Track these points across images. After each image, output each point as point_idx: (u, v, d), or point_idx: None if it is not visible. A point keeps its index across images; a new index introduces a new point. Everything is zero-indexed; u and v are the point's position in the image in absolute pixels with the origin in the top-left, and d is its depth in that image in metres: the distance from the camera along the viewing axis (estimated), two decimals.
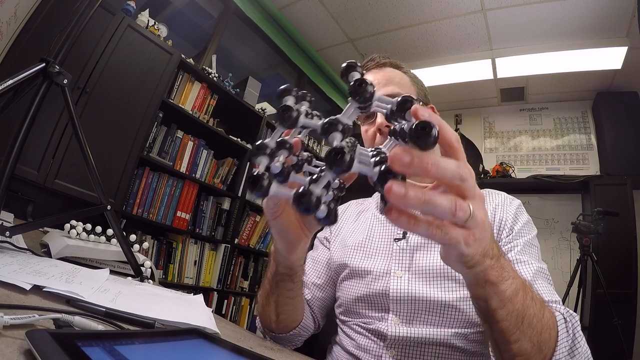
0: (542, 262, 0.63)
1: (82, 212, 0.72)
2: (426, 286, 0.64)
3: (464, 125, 3.72)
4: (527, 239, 0.65)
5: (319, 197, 0.27)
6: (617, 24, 2.47)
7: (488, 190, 0.76)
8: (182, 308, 0.61)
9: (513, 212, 0.68)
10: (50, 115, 1.46)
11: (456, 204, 0.29)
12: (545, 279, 0.60)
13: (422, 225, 0.29)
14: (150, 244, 2.04)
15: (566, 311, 0.51)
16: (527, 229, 0.67)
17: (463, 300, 0.61)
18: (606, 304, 2.16)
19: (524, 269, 0.59)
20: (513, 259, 0.60)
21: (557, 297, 0.57)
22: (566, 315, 0.50)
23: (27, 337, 0.26)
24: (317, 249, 0.87)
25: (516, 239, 0.64)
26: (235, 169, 2.46)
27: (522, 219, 0.68)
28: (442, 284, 0.63)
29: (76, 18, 0.76)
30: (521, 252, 0.62)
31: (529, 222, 0.69)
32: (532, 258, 0.62)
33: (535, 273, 0.59)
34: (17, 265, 0.50)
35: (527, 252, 0.63)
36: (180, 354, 0.38)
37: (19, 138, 0.64)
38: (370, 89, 0.28)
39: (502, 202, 0.71)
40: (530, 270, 0.58)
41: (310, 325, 0.74)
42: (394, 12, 2.72)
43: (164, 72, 1.95)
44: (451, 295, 0.62)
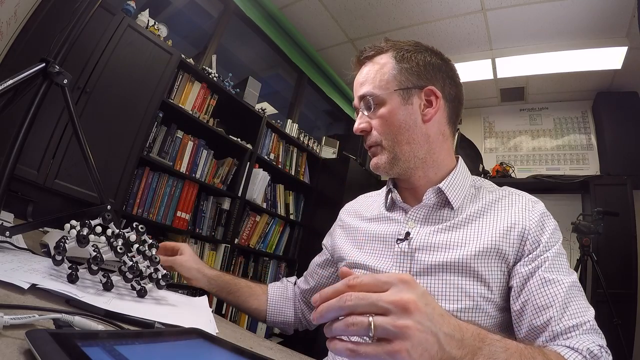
0: (571, 271, 0.60)
1: (82, 212, 0.72)
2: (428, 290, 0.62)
3: (464, 125, 3.71)
4: (555, 249, 0.60)
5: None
6: (617, 24, 2.47)
7: (509, 189, 0.71)
8: (182, 311, 0.61)
9: (537, 219, 0.63)
10: (50, 115, 1.46)
11: (350, 320, 0.33)
12: (578, 293, 0.57)
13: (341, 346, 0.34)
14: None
15: (589, 352, 0.49)
16: (555, 238, 0.62)
17: (463, 312, 0.59)
18: (606, 304, 2.16)
19: (555, 291, 0.56)
20: (541, 278, 0.57)
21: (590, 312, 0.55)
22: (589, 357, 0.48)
23: (27, 337, 0.26)
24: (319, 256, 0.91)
25: (544, 253, 0.60)
26: (235, 169, 2.46)
27: (549, 228, 0.63)
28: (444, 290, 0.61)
29: (76, 18, 0.76)
30: (550, 268, 0.58)
31: (556, 230, 0.64)
32: (562, 272, 0.58)
33: (568, 292, 0.56)
34: (16, 264, 0.50)
35: (557, 265, 0.59)
36: (180, 354, 0.38)
37: (19, 138, 0.64)
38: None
39: (524, 206, 0.65)
40: (562, 291, 0.56)
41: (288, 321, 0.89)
42: (394, 12, 2.72)
43: (164, 72, 1.95)
44: (451, 306, 0.60)
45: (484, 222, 0.65)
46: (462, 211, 0.68)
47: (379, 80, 0.69)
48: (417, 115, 0.69)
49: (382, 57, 0.72)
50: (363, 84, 0.72)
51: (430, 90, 0.69)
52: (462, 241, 0.63)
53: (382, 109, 0.69)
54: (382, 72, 0.70)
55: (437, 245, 0.64)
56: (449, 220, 0.67)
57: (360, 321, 0.32)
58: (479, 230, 0.64)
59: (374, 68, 0.72)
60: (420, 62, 0.70)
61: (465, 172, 0.73)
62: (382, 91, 0.68)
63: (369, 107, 0.70)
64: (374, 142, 0.70)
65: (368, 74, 0.72)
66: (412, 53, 0.71)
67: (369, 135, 0.71)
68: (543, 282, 0.57)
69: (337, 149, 3.34)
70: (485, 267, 0.60)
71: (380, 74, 0.70)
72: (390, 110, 0.68)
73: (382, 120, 0.69)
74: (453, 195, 0.68)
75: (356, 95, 0.73)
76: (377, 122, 0.69)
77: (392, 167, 0.69)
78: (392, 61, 0.70)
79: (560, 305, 0.54)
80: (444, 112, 0.71)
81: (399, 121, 0.68)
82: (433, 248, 0.65)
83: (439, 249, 0.64)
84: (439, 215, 0.68)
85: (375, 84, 0.69)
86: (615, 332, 2.09)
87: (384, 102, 0.69)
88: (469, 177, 0.73)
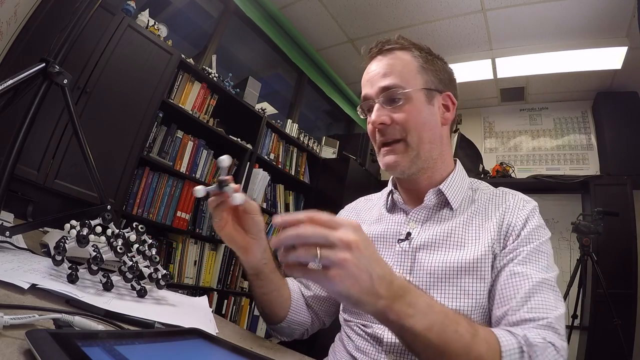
0: (551, 270, 0.59)
1: (82, 212, 0.72)
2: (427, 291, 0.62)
3: (464, 125, 3.71)
4: (534, 245, 0.60)
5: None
6: (617, 24, 2.47)
7: (503, 189, 0.72)
8: (182, 311, 0.61)
9: (524, 216, 0.64)
10: (50, 115, 1.46)
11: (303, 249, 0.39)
12: (547, 291, 0.55)
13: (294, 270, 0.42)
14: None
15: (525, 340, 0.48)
16: (537, 234, 0.62)
17: (464, 310, 0.59)
18: (606, 304, 2.16)
19: (520, 284, 0.56)
20: (509, 271, 0.57)
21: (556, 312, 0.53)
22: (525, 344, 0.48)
23: (27, 337, 0.26)
24: None
25: (521, 246, 0.60)
26: (235, 169, 2.46)
27: (531, 223, 0.63)
28: (444, 289, 0.61)
29: (76, 18, 0.76)
30: (522, 262, 0.58)
31: (539, 227, 0.63)
32: (535, 268, 0.58)
33: (534, 286, 0.55)
34: (16, 264, 0.50)
35: (532, 260, 0.58)
36: (180, 354, 0.38)
37: (19, 138, 0.64)
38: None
39: (514, 204, 0.66)
40: (527, 284, 0.55)
41: (305, 322, 0.77)
42: (394, 12, 2.72)
43: (164, 72, 1.95)
44: (452, 304, 0.60)
45: (481, 223, 0.66)
46: (461, 212, 0.68)
47: (407, 75, 0.68)
48: (438, 116, 0.70)
49: (405, 53, 0.71)
50: (387, 75, 0.68)
51: (448, 96, 0.72)
52: (462, 241, 0.64)
53: (408, 104, 0.67)
54: (409, 68, 0.69)
55: (438, 245, 0.65)
56: (449, 220, 0.67)
57: (311, 251, 0.39)
58: (477, 231, 0.65)
59: (398, 62, 0.70)
60: (440, 67, 0.72)
61: (464, 174, 0.74)
62: (410, 86, 0.67)
63: (393, 99, 0.67)
64: (394, 138, 0.68)
65: (393, 66, 0.69)
66: (433, 57, 0.72)
67: (388, 129, 0.68)
68: (511, 275, 0.57)
69: (337, 149, 3.34)
70: (485, 266, 0.61)
71: (407, 70, 0.69)
72: (418, 107, 0.67)
73: (409, 116, 0.67)
74: (452, 196, 0.69)
75: (376, 85, 0.69)
76: (403, 117, 0.67)
77: (411, 165, 0.68)
78: (418, 60, 0.70)
79: (522, 298, 0.54)
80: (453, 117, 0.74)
81: (424, 119, 0.68)
82: (434, 248, 0.65)
83: (439, 249, 0.64)
84: (439, 216, 0.69)
85: (403, 77, 0.68)
86: (615, 332, 2.09)
87: (410, 97, 0.67)
88: (467, 178, 0.75)
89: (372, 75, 0.71)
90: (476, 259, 0.61)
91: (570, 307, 2.32)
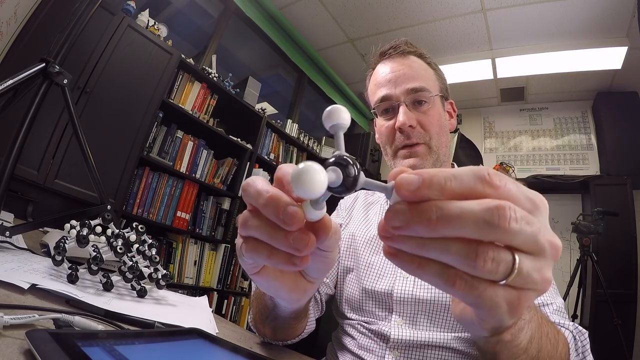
0: None
1: (82, 212, 0.72)
2: (432, 289, 0.62)
3: (464, 125, 3.71)
4: None
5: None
6: (617, 24, 2.47)
7: None
8: (182, 311, 0.61)
9: None
10: (50, 115, 1.46)
11: (479, 249, 0.19)
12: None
13: (432, 268, 0.21)
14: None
15: (575, 328, 0.51)
16: None
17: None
18: (606, 304, 2.16)
19: None
20: None
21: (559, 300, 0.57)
22: (575, 333, 0.50)
23: (27, 337, 0.26)
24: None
25: None
26: (235, 169, 2.46)
27: None
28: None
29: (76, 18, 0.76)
30: None
31: None
32: None
33: None
34: (16, 264, 0.50)
35: None
36: (180, 354, 0.38)
37: (19, 138, 0.64)
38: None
39: None
40: None
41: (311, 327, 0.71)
42: (394, 12, 2.72)
43: (164, 72, 1.95)
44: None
45: None
46: None
47: (430, 80, 0.71)
48: (447, 121, 0.74)
49: (418, 59, 0.73)
50: (414, 77, 0.69)
51: (451, 104, 0.77)
52: None
53: (433, 109, 0.70)
54: (429, 73, 0.71)
55: None
56: None
57: (504, 260, 0.20)
58: None
59: (419, 66, 0.72)
60: (443, 76, 0.76)
61: None
62: (434, 91, 0.70)
63: (420, 102, 0.69)
64: (420, 140, 0.68)
65: (418, 69, 0.71)
66: (437, 66, 0.75)
67: (413, 132, 0.68)
68: None
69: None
70: None
71: (428, 74, 0.71)
72: (439, 112, 0.71)
73: (432, 121, 0.69)
74: None
75: (402, 86, 0.69)
76: (428, 120, 0.69)
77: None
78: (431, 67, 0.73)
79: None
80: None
81: (442, 124, 0.71)
82: None
83: None
84: None
85: (427, 82, 0.70)
86: (615, 332, 2.09)
87: (434, 102, 0.70)
88: None
89: (396, 76, 0.70)
90: None
91: (570, 307, 2.32)
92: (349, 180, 0.22)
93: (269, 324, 0.55)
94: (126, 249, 0.58)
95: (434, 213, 0.19)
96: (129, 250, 0.59)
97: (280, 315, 0.49)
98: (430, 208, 0.19)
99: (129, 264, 0.57)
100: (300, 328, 0.61)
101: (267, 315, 0.52)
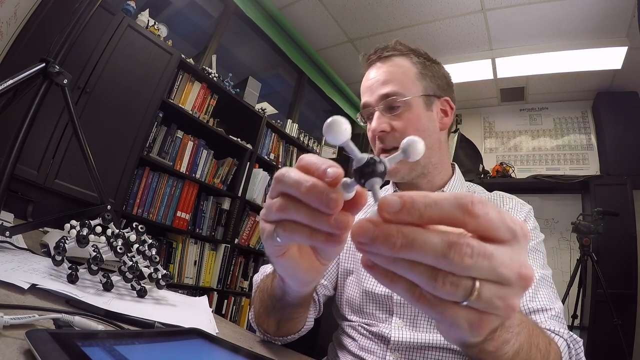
0: (547, 268, 0.63)
1: (82, 212, 0.72)
2: None
3: (464, 125, 3.72)
4: (532, 244, 0.64)
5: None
6: (617, 24, 2.47)
7: (500, 193, 0.74)
8: (182, 311, 0.61)
9: (522, 218, 0.67)
10: (50, 115, 1.46)
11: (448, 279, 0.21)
12: (548, 287, 0.59)
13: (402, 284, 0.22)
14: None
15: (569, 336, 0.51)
16: (533, 235, 0.66)
17: None
18: (606, 304, 2.16)
19: None
20: None
21: (558, 304, 0.57)
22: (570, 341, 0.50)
23: (27, 337, 0.26)
24: None
25: None
26: (235, 169, 2.46)
27: (528, 225, 0.66)
28: None
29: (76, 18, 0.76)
30: None
31: (535, 229, 0.68)
32: (536, 265, 0.61)
33: (538, 282, 0.58)
34: (16, 264, 0.50)
35: (531, 258, 0.62)
36: (180, 354, 0.38)
37: (19, 138, 0.64)
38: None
39: (512, 207, 0.70)
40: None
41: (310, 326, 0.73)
42: (394, 12, 2.72)
43: (164, 72, 1.95)
44: None
45: None
46: None
47: (406, 82, 0.68)
48: (436, 122, 0.71)
49: (403, 60, 0.71)
50: (386, 82, 0.69)
51: (447, 101, 0.73)
52: None
53: (408, 112, 0.68)
54: (408, 75, 0.69)
55: None
56: None
57: (463, 285, 0.21)
58: None
59: (397, 69, 0.70)
60: (437, 72, 0.73)
61: (462, 178, 0.77)
62: (410, 94, 0.68)
63: (392, 107, 0.68)
64: (393, 145, 0.68)
65: (392, 73, 0.69)
66: (431, 62, 0.73)
67: (388, 137, 0.68)
68: None
69: (337, 149, 3.34)
70: None
71: (406, 77, 0.69)
72: (417, 114, 0.68)
73: (407, 124, 0.68)
74: None
75: (376, 93, 0.69)
76: (402, 124, 0.68)
77: (410, 172, 0.69)
78: (416, 67, 0.70)
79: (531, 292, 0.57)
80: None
81: (423, 126, 0.69)
82: None
83: None
84: None
85: (402, 85, 0.68)
86: (615, 332, 2.09)
87: (409, 105, 0.68)
88: (465, 183, 0.78)
89: (372, 83, 0.71)
90: None
91: (570, 307, 2.32)
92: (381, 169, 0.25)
93: (274, 316, 0.57)
94: (126, 249, 0.58)
95: (398, 240, 0.21)
96: (129, 250, 0.59)
97: (289, 302, 0.51)
98: (395, 234, 0.21)
99: (129, 264, 0.57)
100: (303, 319, 0.63)
101: (273, 306, 0.54)
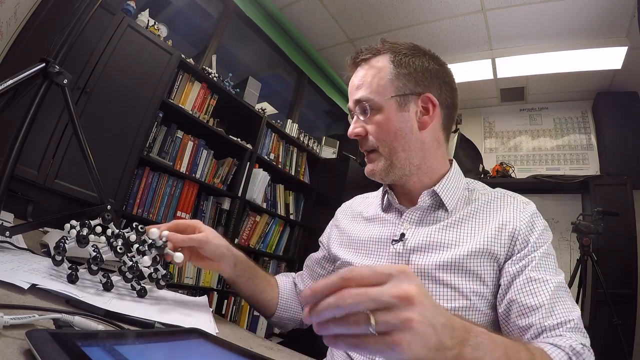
0: (559, 272, 0.61)
1: (82, 212, 0.72)
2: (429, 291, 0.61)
3: (464, 125, 3.71)
4: (544, 249, 0.61)
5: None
6: (617, 24, 2.47)
7: (502, 191, 0.71)
8: (182, 311, 0.61)
9: (527, 219, 0.64)
10: (50, 115, 1.46)
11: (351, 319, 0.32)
12: (564, 296, 0.57)
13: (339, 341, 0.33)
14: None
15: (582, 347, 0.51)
16: (544, 238, 0.63)
17: (460, 310, 0.59)
18: (606, 304, 2.16)
19: (541, 290, 0.56)
20: (526, 277, 0.58)
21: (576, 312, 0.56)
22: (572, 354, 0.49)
23: (27, 337, 0.26)
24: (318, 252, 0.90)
25: (532, 252, 0.60)
26: (235, 169, 2.46)
27: (538, 228, 0.63)
28: (438, 290, 0.61)
29: (76, 18, 0.76)
30: (536, 267, 0.59)
31: (545, 230, 0.65)
32: (549, 272, 0.59)
33: (554, 291, 0.56)
34: (16, 264, 0.50)
35: (543, 265, 0.60)
36: (180, 354, 0.38)
37: (19, 138, 0.64)
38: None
39: (515, 207, 0.66)
40: (549, 290, 0.56)
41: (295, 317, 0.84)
42: (394, 12, 2.72)
43: (164, 72, 1.95)
44: (446, 305, 0.60)
45: (477, 223, 0.66)
46: (456, 212, 0.68)
47: (376, 85, 0.67)
48: (413, 122, 0.68)
49: (379, 59, 0.70)
50: (359, 87, 0.69)
51: (427, 98, 0.68)
52: (456, 241, 0.64)
53: (378, 115, 0.67)
54: (379, 77, 0.68)
55: (432, 245, 0.65)
56: (444, 221, 0.67)
57: (361, 318, 0.31)
58: (472, 231, 0.65)
59: (370, 72, 0.69)
60: (417, 67, 0.68)
61: (459, 175, 0.74)
62: (379, 97, 0.67)
63: (365, 111, 0.68)
64: (370, 147, 0.69)
65: (365, 77, 0.69)
66: (409, 57, 0.69)
67: (364, 140, 0.70)
68: (529, 281, 0.58)
69: (337, 149, 3.34)
70: (479, 266, 0.61)
71: (377, 79, 0.68)
72: (387, 117, 0.67)
73: (378, 127, 0.68)
74: (447, 197, 0.68)
75: (351, 98, 0.71)
76: (373, 128, 0.68)
77: (387, 174, 0.69)
78: (390, 65, 0.68)
79: (548, 304, 0.55)
80: (440, 118, 0.71)
81: (395, 128, 0.67)
82: (428, 249, 0.65)
83: (433, 250, 0.64)
84: (433, 216, 0.69)
85: (372, 88, 0.67)
86: (615, 332, 2.09)
87: (380, 108, 0.67)
88: (463, 179, 0.74)
89: (350, 87, 0.73)
90: (468, 255, 0.61)
91: None
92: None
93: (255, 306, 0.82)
94: (126, 249, 0.58)
95: (314, 312, 0.33)
96: (129, 250, 0.59)
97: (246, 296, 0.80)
98: (315, 306, 0.33)
99: (129, 264, 0.57)
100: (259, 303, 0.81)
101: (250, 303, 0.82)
